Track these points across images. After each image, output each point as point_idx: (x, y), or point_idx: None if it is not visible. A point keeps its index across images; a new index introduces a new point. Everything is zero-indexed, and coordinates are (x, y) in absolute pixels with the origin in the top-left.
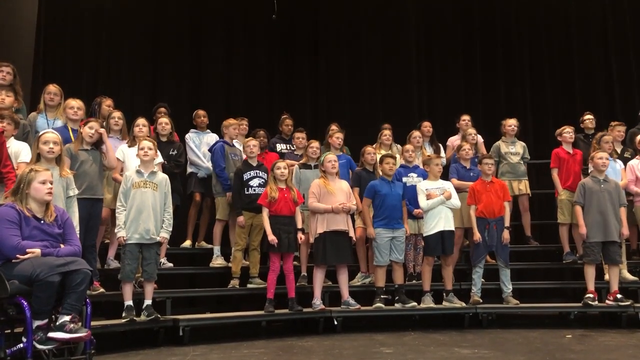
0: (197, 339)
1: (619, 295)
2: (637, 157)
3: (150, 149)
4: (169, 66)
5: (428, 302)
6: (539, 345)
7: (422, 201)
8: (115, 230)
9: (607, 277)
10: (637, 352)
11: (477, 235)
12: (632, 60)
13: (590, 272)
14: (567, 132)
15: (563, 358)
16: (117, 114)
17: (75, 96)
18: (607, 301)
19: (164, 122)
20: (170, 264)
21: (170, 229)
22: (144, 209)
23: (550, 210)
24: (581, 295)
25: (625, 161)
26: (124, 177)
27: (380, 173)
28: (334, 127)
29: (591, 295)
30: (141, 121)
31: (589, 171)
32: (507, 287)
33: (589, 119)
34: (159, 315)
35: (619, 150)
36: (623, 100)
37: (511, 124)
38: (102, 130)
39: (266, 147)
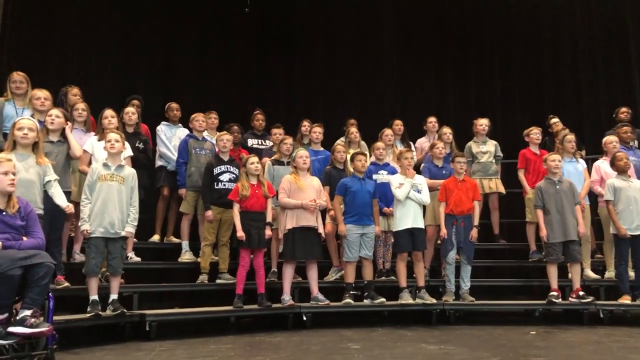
0: (164, 334)
1: (581, 293)
2: (603, 157)
3: (117, 141)
4: (141, 58)
5: (406, 299)
6: (504, 342)
7: (397, 192)
8: (79, 224)
9: (570, 275)
10: (597, 348)
11: (444, 231)
12: (599, 65)
13: (552, 271)
14: (535, 134)
15: (527, 354)
16: (81, 105)
17: (43, 85)
18: (570, 299)
19: (130, 112)
20: (138, 259)
21: (136, 224)
22: (109, 202)
23: (518, 209)
24: (546, 292)
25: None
26: (90, 170)
27: (352, 170)
28: (306, 123)
29: (555, 293)
30: (109, 112)
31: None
32: (466, 284)
33: (554, 122)
34: (125, 310)
35: None
36: (590, 103)
37: (482, 123)
38: (67, 126)
39: (240, 142)
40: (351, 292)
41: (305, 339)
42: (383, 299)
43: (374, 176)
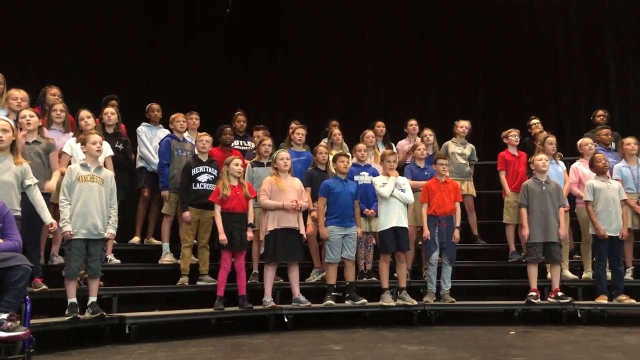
0: (144, 337)
1: (559, 293)
2: (580, 159)
3: (101, 143)
4: (121, 58)
5: (388, 300)
6: (484, 342)
7: (381, 190)
8: (60, 225)
9: (549, 275)
10: (575, 348)
11: (427, 232)
12: (578, 68)
13: (533, 271)
14: (513, 135)
15: (506, 354)
16: (59, 106)
17: (20, 85)
18: (549, 299)
19: (110, 112)
20: (118, 261)
21: (116, 225)
22: (90, 203)
23: (498, 210)
24: (526, 292)
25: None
26: (67, 171)
27: (334, 171)
28: (293, 124)
29: (534, 294)
30: (84, 113)
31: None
32: (447, 284)
33: (534, 123)
34: (104, 313)
35: None
36: (569, 106)
37: (463, 125)
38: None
39: (232, 144)
40: (333, 294)
41: (287, 341)
42: (364, 300)
43: (356, 177)
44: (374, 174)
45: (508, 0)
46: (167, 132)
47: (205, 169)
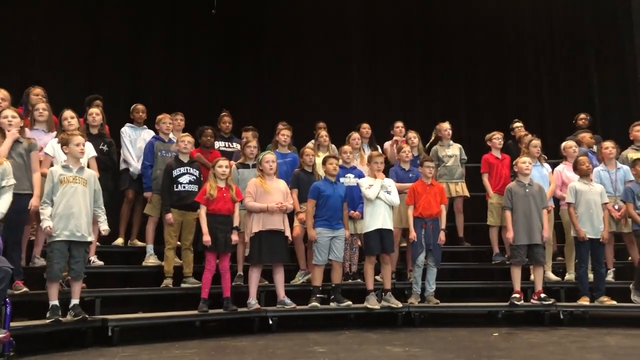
0: (127, 339)
1: (542, 295)
2: (563, 162)
3: (83, 144)
4: (106, 58)
5: (373, 302)
6: (467, 344)
7: (367, 192)
8: (41, 224)
9: (532, 277)
10: (557, 349)
11: (413, 234)
12: (560, 73)
13: (516, 273)
14: (497, 138)
15: (489, 355)
16: (42, 105)
17: (2, 85)
18: (532, 300)
19: (95, 113)
20: (101, 262)
21: (106, 221)
22: (74, 204)
23: (482, 212)
24: (509, 294)
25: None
26: (49, 172)
27: (320, 174)
28: (281, 126)
29: (517, 295)
30: (68, 114)
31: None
32: (431, 286)
33: (517, 126)
34: (86, 315)
35: None
36: (551, 110)
37: (445, 127)
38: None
39: (212, 145)
40: (318, 295)
41: (271, 343)
42: (349, 302)
43: (341, 179)
44: (360, 175)
45: (492, 5)
46: (152, 133)
47: (187, 169)
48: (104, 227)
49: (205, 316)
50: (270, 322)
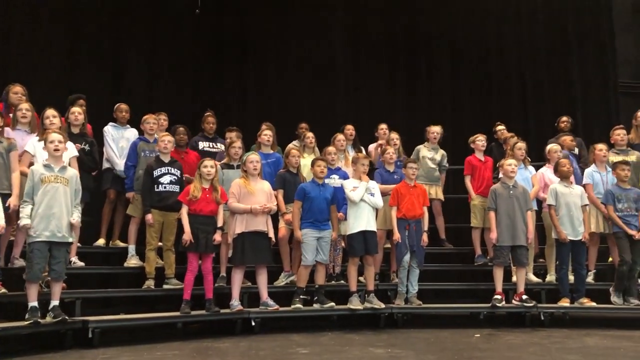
0: (108, 341)
1: (524, 296)
2: (546, 165)
3: (60, 142)
4: (89, 57)
5: (356, 303)
6: (449, 345)
7: (351, 194)
8: (19, 221)
9: (514, 278)
10: (537, 350)
11: (397, 235)
12: (544, 76)
13: (498, 274)
14: (480, 140)
15: (470, 356)
16: (25, 105)
17: None
18: (513, 302)
19: (77, 112)
20: (82, 263)
21: (80, 216)
22: (55, 205)
23: (465, 214)
24: (491, 295)
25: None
26: (29, 172)
27: (305, 175)
28: (264, 126)
29: (499, 297)
30: (50, 112)
31: (499, 177)
32: (414, 287)
33: (500, 129)
34: (66, 317)
35: None
36: (534, 113)
37: (434, 130)
38: None
39: (186, 144)
40: (301, 297)
41: (254, 344)
42: (332, 304)
43: (326, 180)
44: (344, 176)
45: (476, 10)
46: (135, 132)
47: (168, 170)
48: (74, 217)
49: (187, 317)
50: (253, 323)
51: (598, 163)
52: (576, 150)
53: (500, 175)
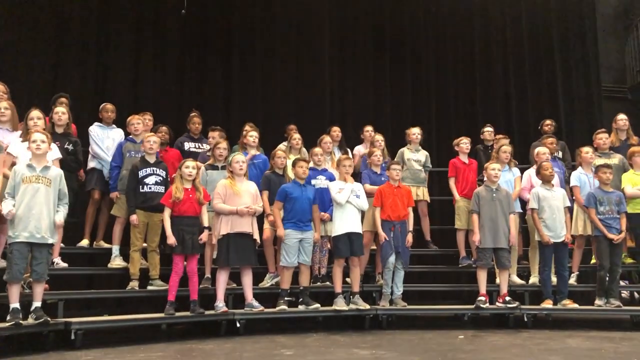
0: (91, 343)
1: (507, 298)
2: (533, 167)
3: (43, 141)
4: (73, 56)
5: (341, 305)
6: (433, 346)
7: (337, 196)
8: (3, 210)
9: (498, 280)
10: (520, 351)
11: (383, 235)
12: (528, 79)
13: (482, 276)
14: (464, 143)
15: (454, 358)
16: (3, 103)
17: None
18: (497, 303)
19: (61, 112)
20: (65, 264)
21: (63, 219)
22: (35, 205)
23: (450, 216)
24: (475, 297)
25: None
26: (12, 172)
27: (292, 176)
28: (247, 127)
29: (483, 298)
30: (35, 114)
31: (484, 180)
32: (399, 288)
33: (487, 131)
34: (48, 319)
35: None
36: (519, 116)
37: (414, 132)
38: None
39: (167, 143)
40: (286, 298)
41: (238, 346)
42: (318, 305)
43: (312, 181)
44: (331, 178)
45: (461, 13)
46: (121, 132)
47: (153, 170)
48: (59, 217)
49: (171, 319)
50: (238, 324)
51: (585, 165)
52: (560, 154)
53: (485, 178)
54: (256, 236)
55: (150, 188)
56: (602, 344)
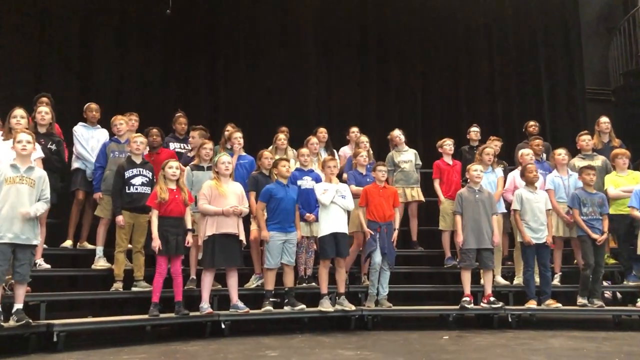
0: (74, 345)
1: (492, 298)
2: (518, 168)
3: (28, 142)
4: (56, 56)
5: (326, 306)
6: (417, 346)
7: (321, 197)
8: None
9: (483, 281)
10: (504, 351)
11: (368, 231)
12: (513, 81)
13: (466, 277)
14: (447, 145)
15: (438, 358)
16: None
17: None
18: (481, 304)
19: (44, 112)
20: (48, 265)
21: (39, 212)
22: (19, 206)
23: (435, 217)
24: (461, 298)
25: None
26: None
27: (276, 176)
28: (229, 127)
29: (467, 299)
30: (18, 112)
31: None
32: (384, 289)
33: (474, 131)
34: (30, 320)
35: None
36: (504, 117)
37: (396, 134)
38: None
39: (160, 145)
40: (271, 299)
41: (223, 347)
42: (303, 306)
43: (299, 182)
44: (317, 178)
45: (446, 16)
46: (105, 132)
47: (140, 171)
48: (32, 209)
49: (156, 320)
50: (223, 326)
51: (559, 168)
52: (544, 157)
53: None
54: (242, 237)
55: (136, 189)
56: (585, 344)
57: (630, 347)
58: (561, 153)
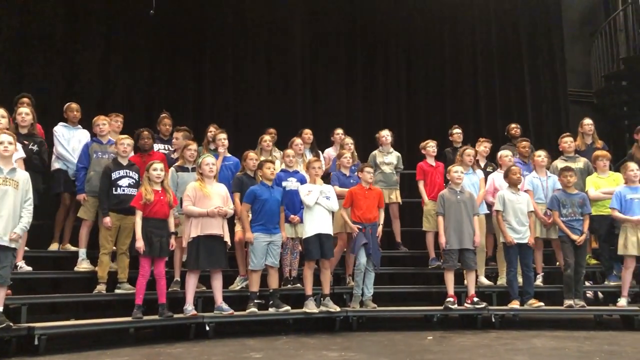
0: (55, 348)
1: (475, 299)
2: (498, 170)
3: (10, 143)
4: (39, 55)
5: (311, 307)
6: (402, 347)
7: (306, 199)
8: None
9: (466, 282)
10: (487, 351)
11: (354, 227)
12: (497, 84)
13: (449, 278)
14: (430, 146)
15: (422, 358)
16: None
17: None
18: (465, 304)
19: (24, 113)
20: (29, 268)
21: (27, 226)
22: (2, 208)
23: (419, 218)
24: (445, 298)
25: (487, 174)
26: None
27: (260, 178)
28: (212, 128)
29: (451, 299)
30: None
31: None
32: (369, 290)
33: (456, 133)
34: (10, 324)
35: (482, 164)
36: (487, 119)
37: (384, 134)
38: None
39: (151, 148)
40: (255, 301)
41: (207, 349)
42: (288, 307)
43: (283, 183)
44: (302, 180)
45: (431, 19)
46: (87, 133)
47: (126, 172)
48: (17, 230)
49: (139, 323)
50: (207, 328)
51: (538, 169)
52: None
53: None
54: (227, 238)
55: (123, 190)
56: (566, 343)
57: (611, 346)
58: (540, 155)
